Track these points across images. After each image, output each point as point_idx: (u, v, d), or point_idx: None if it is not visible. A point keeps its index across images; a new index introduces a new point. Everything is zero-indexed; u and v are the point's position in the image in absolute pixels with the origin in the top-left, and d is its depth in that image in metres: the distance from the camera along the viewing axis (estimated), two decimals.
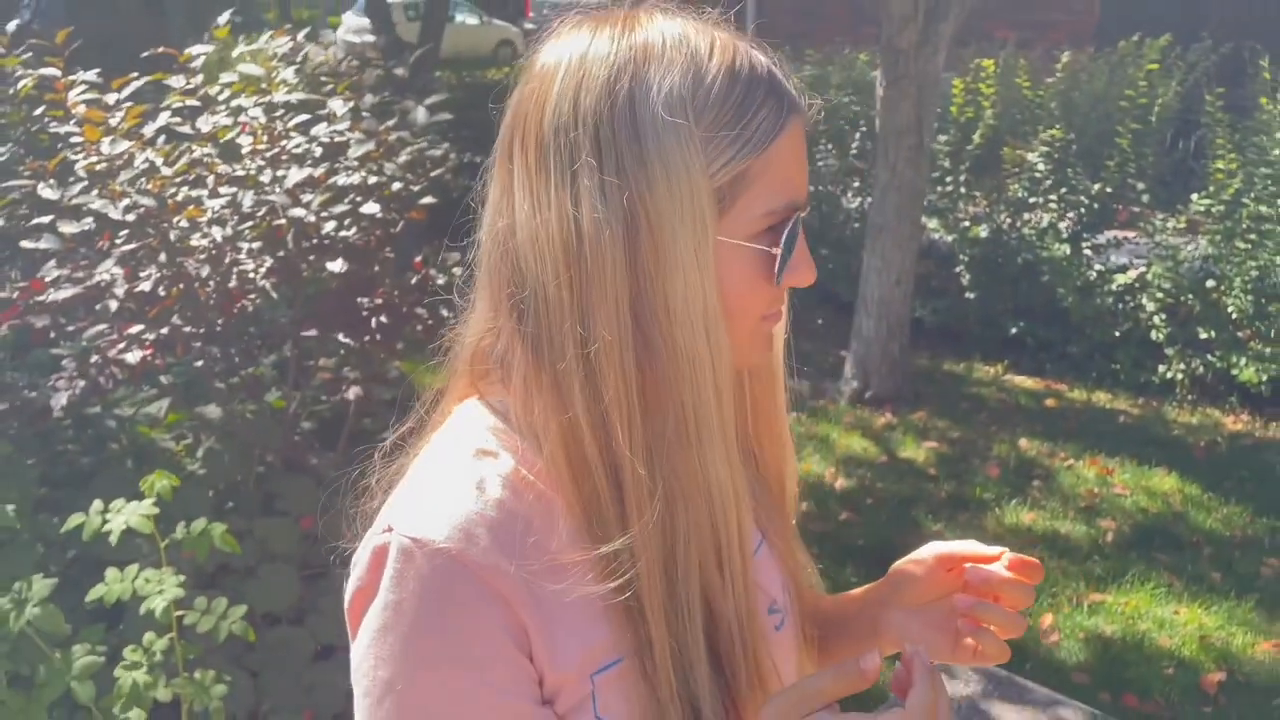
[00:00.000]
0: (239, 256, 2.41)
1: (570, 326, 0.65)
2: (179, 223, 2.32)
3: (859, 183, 5.95)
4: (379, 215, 2.45)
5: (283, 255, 2.43)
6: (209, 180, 2.40)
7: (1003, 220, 5.40)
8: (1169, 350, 4.82)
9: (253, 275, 2.43)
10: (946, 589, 0.84)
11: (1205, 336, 4.69)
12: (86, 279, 2.26)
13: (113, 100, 2.42)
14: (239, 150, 2.48)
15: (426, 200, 2.56)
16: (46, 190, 2.28)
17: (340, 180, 2.43)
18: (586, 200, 0.64)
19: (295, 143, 2.48)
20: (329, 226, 2.41)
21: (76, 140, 2.36)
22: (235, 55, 2.83)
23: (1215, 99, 5.04)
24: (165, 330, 2.30)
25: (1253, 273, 4.53)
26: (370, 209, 2.40)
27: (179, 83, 2.50)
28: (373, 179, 2.48)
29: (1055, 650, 2.94)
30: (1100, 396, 4.91)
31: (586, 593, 0.66)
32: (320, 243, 2.45)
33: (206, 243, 2.34)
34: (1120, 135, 5.12)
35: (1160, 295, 4.83)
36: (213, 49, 2.63)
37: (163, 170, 2.31)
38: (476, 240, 0.73)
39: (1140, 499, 3.87)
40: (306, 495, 2.58)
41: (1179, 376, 4.79)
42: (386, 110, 2.82)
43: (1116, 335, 4.99)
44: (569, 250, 0.65)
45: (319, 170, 2.43)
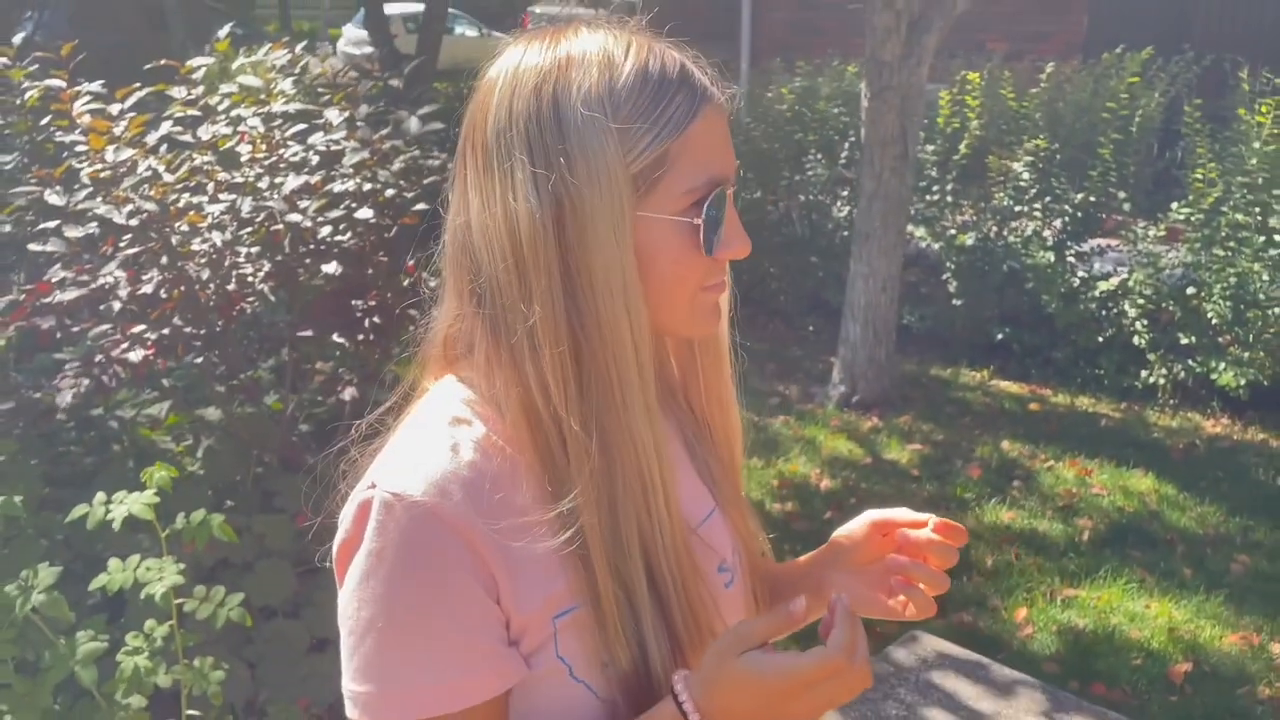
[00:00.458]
0: (238, 260, 2.49)
1: (515, 305, 0.74)
2: (180, 227, 2.40)
3: (848, 192, 6.04)
4: (373, 220, 2.53)
5: (280, 259, 2.52)
6: (209, 187, 2.49)
7: (989, 228, 5.49)
8: (1151, 355, 4.91)
9: (251, 279, 2.51)
10: (882, 552, 0.92)
11: (1186, 342, 4.78)
12: (91, 281, 2.34)
13: (116, 110, 2.51)
14: (238, 158, 2.57)
15: (419, 206, 2.65)
16: (53, 196, 2.37)
17: (336, 187, 2.51)
18: (521, 191, 0.73)
19: (292, 151, 2.57)
20: (325, 231, 2.49)
21: (81, 149, 2.44)
22: (235, 67, 2.92)
23: (1194, 109, 5.14)
24: (166, 331, 2.38)
25: (1231, 280, 4.61)
26: (365, 214, 2.49)
27: (180, 93, 2.59)
28: (367, 186, 2.57)
29: (1029, 643, 3.03)
30: (1083, 401, 4.99)
31: (546, 546, 0.74)
32: (316, 247, 2.53)
33: (207, 247, 2.42)
34: (1102, 146, 5.22)
35: (1142, 302, 4.92)
36: (213, 61, 2.72)
37: (165, 177, 2.40)
38: (442, 241, 0.82)
39: (1117, 498, 3.96)
40: (303, 493, 2.66)
41: (1161, 381, 4.88)
42: (381, 120, 2.91)
43: (1100, 341, 5.07)
44: (512, 237, 0.74)
45: (315, 177, 2.52)
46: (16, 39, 2.73)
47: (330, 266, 2.47)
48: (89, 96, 2.49)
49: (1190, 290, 4.79)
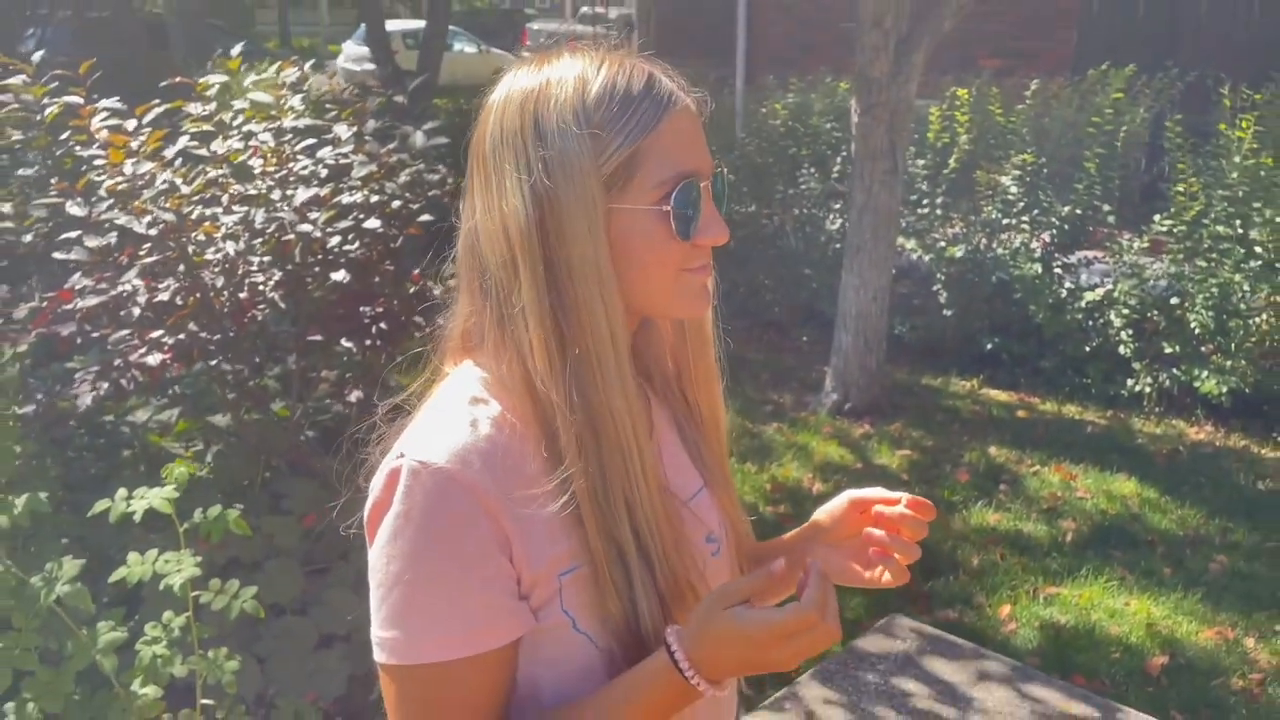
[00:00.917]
0: (250, 269, 2.60)
1: (511, 295, 0.85)
2: (196, 237, 2.50)
3: (840, 205, 6.14)
4: (380, 231, 2.64)
5: (290, 268, 2.62)
6: (223, 199, 2.59)
7: (978, 241, 5.59)
8: (1136, 364, 5.01)
9: (262, 287, 2.62)
10: (859, 528, 1.02)
11: (1170, 351, 4.88)
12: (110, 289, 2.44)
13: (132, 125, 2.61)
14: (251, 171, 2.68)
15: (424, 218, 2.75)
16: (74, 208, 2.47)
17: (344, 199, 2.62)
18: (512, 195, 0.85)
19: (302, 164, 2.68)
20: (334, 241, 2.59)
21: (100, 162, 2.55)
22: (246, 84, 3.03)
23: (1175, 125, 5.27)
24: (183, 336, 2.48)
25: (1214, 290, 4.72)
26: (372, 225, 2.59)
27: (196, 109, 2.70)
28: (374, 198, 2.67)
29: (1012, 638, 3.12)
30: (1070, 409, 5.09)
31: (550, 510, 0.85)
32: (325, 257, 2.64)
33: (221, 256, 2.53)
34: (1088, 160, 5.34)
35: (1127, 312, 5.02)
36: (226, 78, 2.83)
37: (181, 189, 2.50)
38: (455, 247, 0.93)
39: (1100, 501, 4.05)
40: (310, 496, 2.75)
41: (1146, 389, 4.98)
42: (387, 135, 3.02)
43: (1087, 350, 5.18)
44: (506, 235, 0.85)
45: (325, 190, 2.62)
46: (36, 56, 2.83)
47: (339, 275, 2.58)
48: (106, 113, 2.59)
49: (1174, 300, 4.90)
